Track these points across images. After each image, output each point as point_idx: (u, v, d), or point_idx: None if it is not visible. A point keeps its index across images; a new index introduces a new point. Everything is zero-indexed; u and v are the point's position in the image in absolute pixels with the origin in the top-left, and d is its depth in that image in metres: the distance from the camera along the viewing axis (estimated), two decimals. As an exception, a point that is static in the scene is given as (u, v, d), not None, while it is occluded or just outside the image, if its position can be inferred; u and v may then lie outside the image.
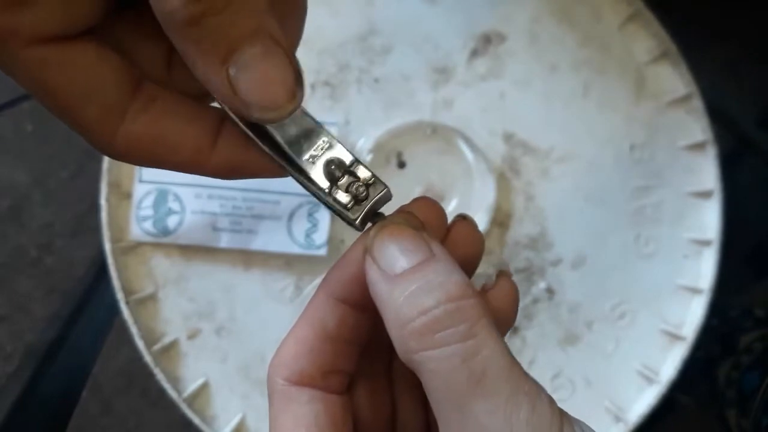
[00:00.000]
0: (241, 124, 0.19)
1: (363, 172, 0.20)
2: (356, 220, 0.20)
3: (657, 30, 0.49)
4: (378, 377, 0.23)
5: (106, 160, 0.46)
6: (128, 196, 0.46)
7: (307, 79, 0.47)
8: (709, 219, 0.48)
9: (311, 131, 0.20)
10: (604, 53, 0.49)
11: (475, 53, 0.48)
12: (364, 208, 0.20)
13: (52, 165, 1.09)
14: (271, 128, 0.19)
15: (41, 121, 1.10)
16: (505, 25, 0.49)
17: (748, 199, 0.63)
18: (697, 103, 0.49)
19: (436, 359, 0.17)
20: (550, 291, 0.47)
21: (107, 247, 0.45)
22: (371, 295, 0.19)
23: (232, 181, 0.46)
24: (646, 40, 0.49)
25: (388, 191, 0.21)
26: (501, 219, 0.47)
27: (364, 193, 0.20)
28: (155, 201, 0.45)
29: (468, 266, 0.22)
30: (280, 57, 0.16)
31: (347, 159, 0.20)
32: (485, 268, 0.47)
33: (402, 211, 0.21)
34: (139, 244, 0.46)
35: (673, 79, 0.49)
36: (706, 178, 0.48)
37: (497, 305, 0.22)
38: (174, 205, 0.45)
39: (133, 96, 0.18)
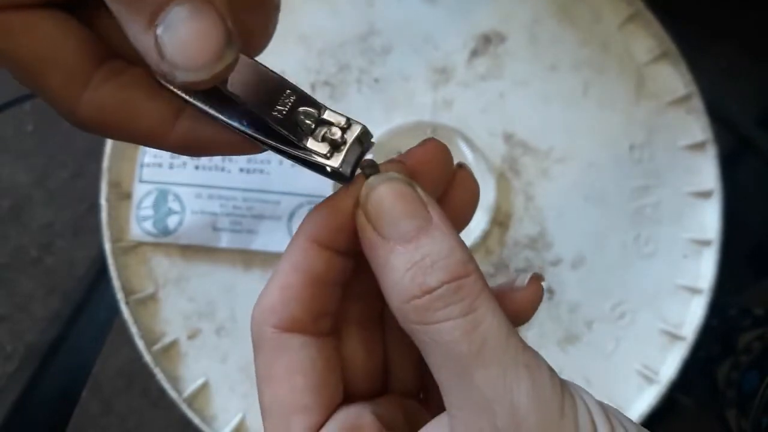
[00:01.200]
0: (188, 98, 0.18)
1: (336, 117, 0.19)
2: (339, 167, 0.19)
3: (657, 30, 0.49)
4: (369, 324, 0.23)
5: (107, 160, 0.46)
6: (128, 196, 0.46)
7: (308, 78, 0.48)
8: (709, 219, 0.48)
9: (273, 87, 0.19)
10: (603, 53, 0.49)
11: (474, 53, 0.48)
12: (344, 152, 0.19)
13: (52, 165, 1.09)
14: (227, 91, 0.18)
15: (42, 121, 1.10)
16: (505, 25, 0.49)
17: (748, 199, 0.63)
18: (697, 103, 0.49)
19: (437, 332, 0.18)
20: (549, 291, 0.47)
21: (107, 247, 0.45)
22: (366, 255, 0.19)
23: (232, 181, 0.46)
24: (646, 40, 0.49)
25: (366, 129, 0.19)
26: (501, 219, 0.47)
27: (341, 137, 0.19)
28: (155, 201, 0.45)
29: (466, 216, 0.23)
30: (208, 14, 0.16)
31: (317, 108, 0.19)
32: (487, 268, 0.47)
33: (394, 160, 0.20)
34: (139, 244, 0.46)
35: (673, 79, 0.49)
36: (705, 178, 0.48)
37: (522, 307, 0.22)
38: (174, 205, 0.45)
39: (98, 67, 0.18)
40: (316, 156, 0.19)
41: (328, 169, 0.19)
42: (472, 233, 0.46)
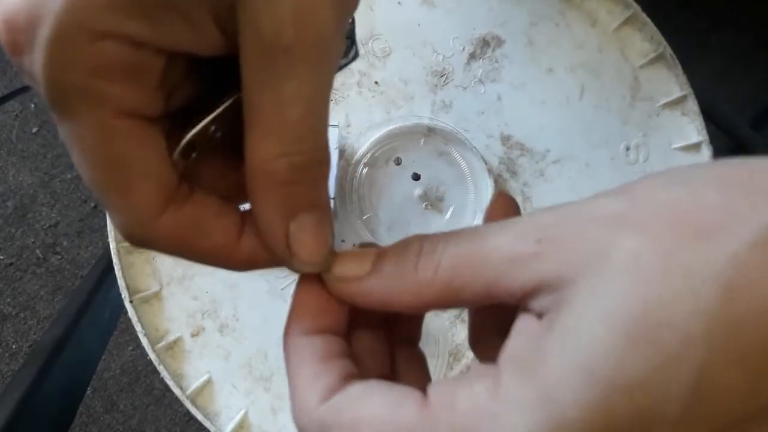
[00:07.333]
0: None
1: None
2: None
3: (653, 33, 0.49)
4: None
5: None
6: (133, 196, 0.46)
7: (309, 82, 0.48)
8: (704, 219, 0.49)
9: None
10: (599, 56, 0.50)
11: (473, 56, 0.49)
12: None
13: (57, 166, 1.10)
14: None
15: (46, 122, 1.11)
16: (503, 29, 0.49)
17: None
18: (692, 105, 0.49)
19: None
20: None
21: (112, 246, 0.46)
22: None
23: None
24: (641, 43, 0.50)
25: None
26: (498, 219, 0.48)
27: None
28: (159, 201, 0.46)
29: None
30: (327, 228, 0.20)
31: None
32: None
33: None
34: (143, 244, 0.47)
35: (669, 81, 0.50)
36: (700, 178, 0.49)
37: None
38: (178, 206, 0.46)
39: (178, 188, 0.19)
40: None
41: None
42: (470, 233, 0.46)
